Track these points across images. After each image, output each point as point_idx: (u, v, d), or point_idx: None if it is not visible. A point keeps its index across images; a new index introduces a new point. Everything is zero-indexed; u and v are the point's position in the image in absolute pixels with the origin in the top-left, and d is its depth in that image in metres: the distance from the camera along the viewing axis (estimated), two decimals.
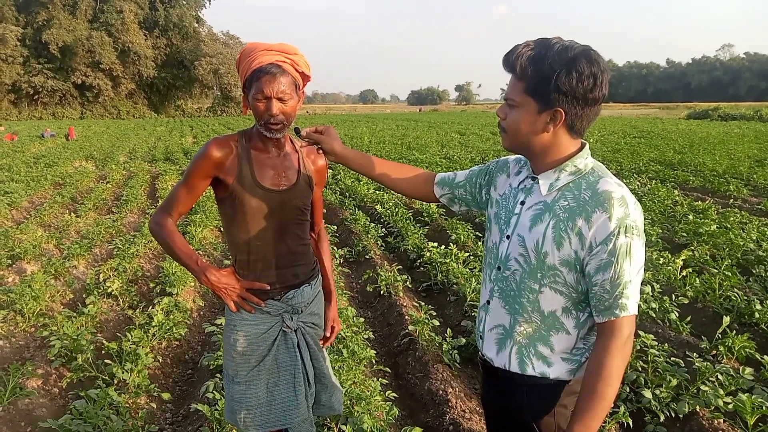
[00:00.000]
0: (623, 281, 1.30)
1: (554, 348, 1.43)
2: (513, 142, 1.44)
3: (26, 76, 50.49)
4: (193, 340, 4.42)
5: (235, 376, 1.93)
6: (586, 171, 1.39)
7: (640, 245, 1.31)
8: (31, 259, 5.93)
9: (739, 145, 17.55)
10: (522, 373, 1.45)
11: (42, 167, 13.98)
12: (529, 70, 1.34)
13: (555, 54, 1.30)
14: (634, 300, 1.32)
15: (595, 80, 1.30)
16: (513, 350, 1.46)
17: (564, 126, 1.37)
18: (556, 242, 1.36)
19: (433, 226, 7.32)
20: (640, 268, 1.33)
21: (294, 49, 1.83)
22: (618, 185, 1.35)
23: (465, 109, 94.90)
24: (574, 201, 1.36)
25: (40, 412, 3.18)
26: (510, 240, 1.46)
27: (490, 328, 1.53)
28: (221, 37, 62.34)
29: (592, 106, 1.35)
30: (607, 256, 1.30)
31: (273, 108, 1.75)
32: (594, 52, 1.33)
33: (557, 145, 1.40)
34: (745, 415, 2.73)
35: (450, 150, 17.42)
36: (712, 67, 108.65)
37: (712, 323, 4.07)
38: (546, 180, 1.42)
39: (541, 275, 1.40)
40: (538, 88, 1.33)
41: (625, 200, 1.31)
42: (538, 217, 1.41)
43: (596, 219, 1.31)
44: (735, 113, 38.94)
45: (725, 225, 6.62)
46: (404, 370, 3.75)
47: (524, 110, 1.37)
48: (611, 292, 1.31)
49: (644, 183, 10.40)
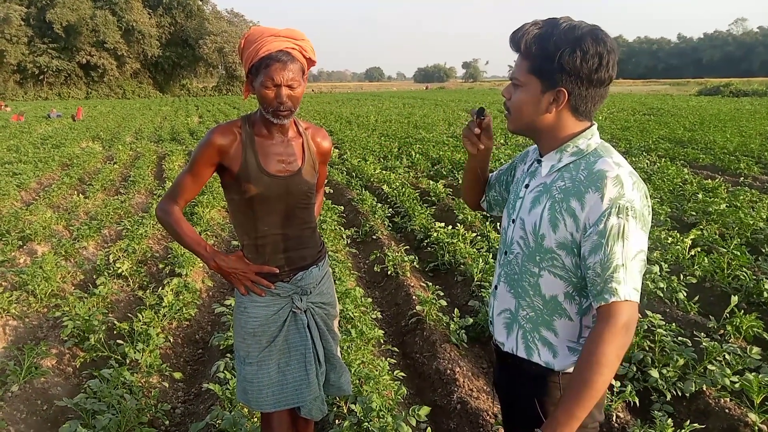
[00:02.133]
0: (614, 264, 1.24)
1: (558, 333, 1.39)
2: (517, 124, 1.42)
3: (31, 56, 50.34)
4: (203, 320, 4.47)
5: (247, 356, 1.95)
6: (588, 152, 1.35)
7: (636, 228, 1.25)
8: (41, 241, 5.99)
9: (751, 121, 17.29)
10: (529, 359, 1.43)
11: (49, 148, 14.02)
12: (533, 48, 1.31)
13: (561, 32, 1.28)
14: (629, 285, 1.24)
15: (600, 60, 1.27)
16: (519, 335, 1.45)
17: (567, 107, 1.34)
18: (551, 224, 1.33)
19: (440, 206, 7.31)
20: (638, 252, 1.25)
21: (301, 34, 1.82)
22: (616, 164, 1.29)
23: (472, 86, 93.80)
24: (570, 181, 1.33)
25: (56, 391, 3.25)
26: (515, 224, 1.46)
27: (498, 313, 1.53)
28: (225, 15, 61.79)
29: (597, 88, 1.31)
30: (598, 237, 1.25)
31: (283, 96, 1.75)
32: (602, 31, 1.29)
33: (561, 127, 1.37)
34: (752, 394, 2.74)
35: (457, 128, 17.29)
36: (724, 42, 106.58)
37: (720, 303, 4.06)
38: (548, 162, 1.41)
39: (539, 258, 1.37)
40: (542, 67, 1.31)
41: (620, 179, 1.25)
42: (537, 199, 1.39)
43: (589, 199, 1.27)
44: (747, 89, 38.26)
45: (735, 204, 6.57)
46: (412, 349, 3.78)
47: (528, 90, 1.35)
48: (602, 276, 1.25)
49: (654, 161, 10.30)
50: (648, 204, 1.31)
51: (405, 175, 9.49)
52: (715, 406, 2.86)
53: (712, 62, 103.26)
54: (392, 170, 9.85)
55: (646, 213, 1.29)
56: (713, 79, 63.30)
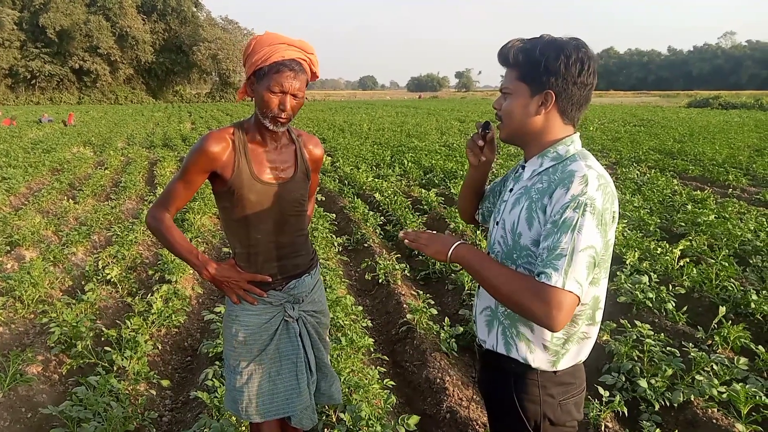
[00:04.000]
0: (557, 252, 1.27)
1: (534, 329, 1.43)
2: (508, 131, 1.49)
3: (23, 60, 50.06)
4: (192, 327, 4.44)
5: (237, 365, 1.94)
6: (567, 156, 1.43)
7: (591, 224, 1.28)
8: (29, 246, 5.93)
9: (739, 134, 17.50)
10: (507, 355, 1.48)
11: (40, 153, 13.92)
12: (520, 57, 1.42)
13: (544, 43, 1.39)
14: (567, 275, 1.25)
15: (582, 65, 1.37)
16: (499, 331, 1.50)
17: (555, 109, 1.42)
18: (527, 222, 1.40)
19: (431, 215, 7.32)
20: (587, 247, 1.27)
21: (311, 48, 1.85)
22: (587, 167, 1.35)
23: (465, 95, 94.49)
24: (547, 183, 1.40)
25: (41, 398, 3.21)
26: (498, 225, 1.53)
27: (480, 311, 1.58)
28: (220, 22, 61.83)
29: (581, 90, 1.40)
30: (551, 226, 1.31)
31: (287, 104, 1.76)
32: (581, 41, 1.40)
33: (548, 131, 1.45)
34: (739, 404, 2.76)
35: (449, 137, 17.36)
36: (713, 55, 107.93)
37: (709, 313, 4.09)
38: (530, 166, 1.49)
39: (516, 255, 1.43)
40: (530, 73, 1.40)
41: (586, 179, 1.31)
42: (517, 200, 1.46)
43: (556, 195, 1.34)
44: (736, 102, 38.78)
45: (723, 215, 6.63)
46: (402, 358, 3.77)
47: (517, 95, 1.44)
48: (544, 260, 1.29)
49: (644, 172, 10.39)
50: (612, 209, 1.35)
51: (397, 183, 9.50)
52: (702, 417, 2.87)
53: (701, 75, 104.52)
54: (385, 178, 9.86)
55: (608, 216, 1.33)
56: (703, 91, 64.07)
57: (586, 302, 1.41)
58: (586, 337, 1.46)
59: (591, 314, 1.44)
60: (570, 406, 1.48)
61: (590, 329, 1.46)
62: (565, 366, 1.45)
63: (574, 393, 1.49)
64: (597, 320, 1.47)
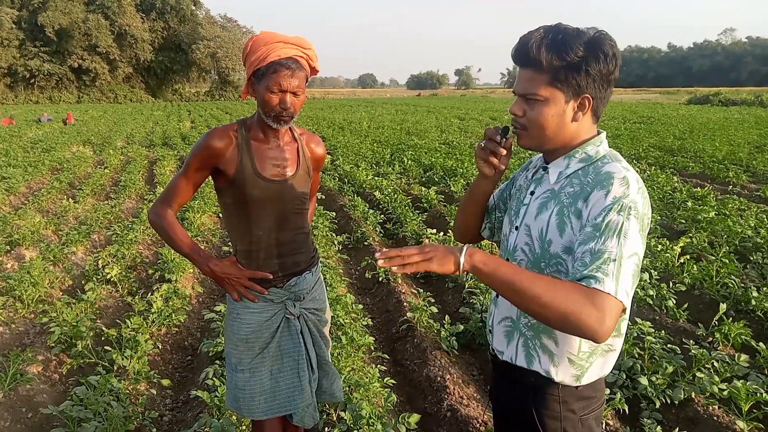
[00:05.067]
0: (605, 257, 1.15)
1: (558, 342, 1.35)
2: (537, 139, 1.35)
3: (22, 59, 49.97)
4: (193, 326, 4.44)
5: (239, 363, 1.94)
6: (597, 158, 1.33)
7: (635, 229, 1.19)
8: (29, 246, 5.93)
9: (740, 131, 17.49)
10: (528, 368, 1.39)
11: (39, 152, 13.90)
12: (554, 60, 1.26)
13: (574, 39, 1.25)
14: (618, 282, 1.14)
15: (616, 60, 1.28)
16: (520, 342, 1.41)
17: (590, 112, 1.32)
18: (559, 228, 1.30)
19: (431, 213, 7.32)
20: (633, 254, 1.18)
21: (309, 43, 1.84)
22: (624, 168, 1.27)
23: (465, 93, 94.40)
24: (579, 186, 1.30)
25: (41, 398, 3.20)
26: (518, 231, 1.42)
27: (499, 321, 1.49)
28: (219, 21, 61.75)
29: (612, 87, 1.32)
30: (593, 230, 1.20)
31: (287, 102, 1.76)
32: (607, 33, 1.29)
33: (579, 134, 1.34)
34: (740, 401, 2.75)
35: (449, 135, 17.35)
36: (713, 52, 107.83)
37: (709, 310, 4.09)
38: (556, 168, 1.38)
39: (544, 264, 1.33)
40: (566, 77, 1.26)
41: (627, 181, 1.23)
42: (544, 205, 1.36)
43: (593, 197, 1.24)
44: (736, 98, 38.73)
45: (724, 212, 6.62)
46: (402, 356, 3.77)
47: (551, 103, 1.29)
48: (588, 265, 1.16)
49: (644, 169, 10.38)
50: (649, 214, 1.28)
51: (397, 182, 9.49)
52: (703, 414, 2.87)
53: (701, 71, 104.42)
54: (384, 176, 9.85)
55: (646, 221, 1.26)
56: (703, 88, 64.06)
57: None
58: (611, 349, 1.38)
59: (618, 325, 1.36)
60: (591, 421, 1.40)
61: (615, 341, 1.38)
62: (589, 380, 1.36)
63: (595, 408, 1.41)
64: (622, 332, 1.38)
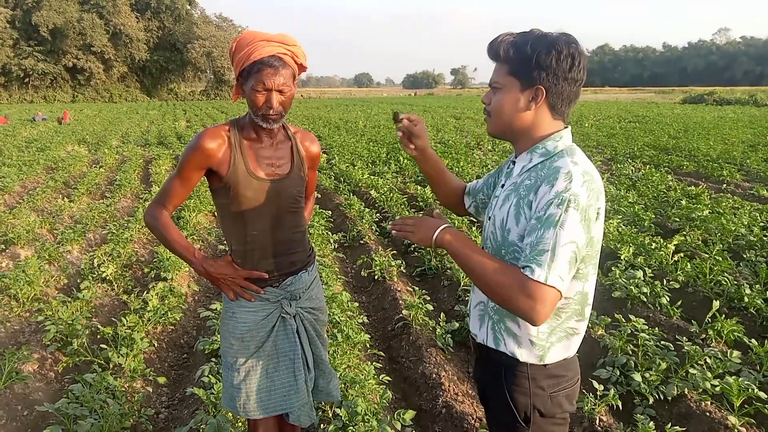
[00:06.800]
0: (539, 248, 1.28)
1: (520, 325, 1.44)
2: (497, 126, 1.49)
3: (16, 58, 49.77)
4: (188, 324, 4.44)
5: (235, 362, 1.94)
6: (555, 153, 1.43)
7: (574, 220, 1.29)
8: (24, 244, 5.91)
9: (734, 130, 17.57)
10: (497, 349, 1.50)
11: (34, 151, 13.85)
12: (510, 52, 1.41)
13: (535, 38, 1.39)
14: (550, 270, 1.27)
15: (573, 60, 1.37)
16: (489, 325, 1.52)
17: (545, 105, 1.42)
18: (515, 218, 1.41)
19: (427, 212, 7.33)
20: (570, 242, 1.28)
21: (293, 40, 1.82)
22: (573, 163, 1.36)
23: (460, 93, 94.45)
24: (534, 179, 1.40)
25: (37, 396, 3.20)
26: (490, 221, 1.53)
27: (474, 305, 1.61)
28: (214, 20, 61.64)
29: (571, 86, 1.41)
30: (535, 222, 1.32)
31: (273, 100, 1.76)
32: (572, 37, 1.40)
33: (537, 126, 1.45)
34: (732, 397, 2.78)
35: (445, 134, 17.37)
36: (708, 51, 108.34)
37: (702, 307, 4.12)
38: (520, 162, 1.50)
39: (504, 251, 1.44)
40: (520, 68, 1.40)
41: (570, 175, 1.32)
42: (507, 196, 1.47)
43: (541, 191, 1.34)
44: (730, 98, 38.91)
45: (718, 210, 6.66)
46: (398, 354, 3.79)
47: (507, 90, 1.43)
48: (527, 255, 1.30)
49: (638, 168, 10.43)
50: (596, 205, 1.34)
51: (393, 180, 9.50)
52: (696, 410, 2.90)
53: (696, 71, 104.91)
54: (380, 175, 9.86)
55: (592, 212, 1.33)
56: (697, 87, 64.29)
57: (569, 296, 1.41)
58: (575, 332, 1.47)
59: (579, 310, 1.45)
60: (561, 398, 1.48)
61: (579, 325, 1.47)
62: (553, 360, 1.46)
63: (566, 386, 1.49)
64: (586, 316, 1.47)
